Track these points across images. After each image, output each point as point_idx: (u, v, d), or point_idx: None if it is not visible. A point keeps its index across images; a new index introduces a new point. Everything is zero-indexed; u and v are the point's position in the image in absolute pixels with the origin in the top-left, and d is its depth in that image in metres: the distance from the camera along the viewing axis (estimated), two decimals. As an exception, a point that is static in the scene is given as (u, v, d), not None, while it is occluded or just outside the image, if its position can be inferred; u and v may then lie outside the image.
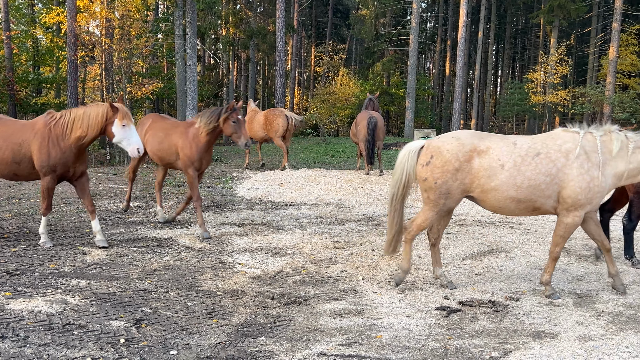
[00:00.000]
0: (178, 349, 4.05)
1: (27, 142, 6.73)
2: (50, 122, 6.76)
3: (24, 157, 6.75)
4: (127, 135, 6.67)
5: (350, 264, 6.39)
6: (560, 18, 34.59)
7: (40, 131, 6.74)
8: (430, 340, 4.26)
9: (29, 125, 6.88)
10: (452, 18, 44.56)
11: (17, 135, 6.77)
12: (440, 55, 50.25)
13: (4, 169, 6.82)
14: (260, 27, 35.09)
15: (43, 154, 6.67)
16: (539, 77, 33.42)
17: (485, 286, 5.64)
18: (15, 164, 6.77)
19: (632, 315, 4.86)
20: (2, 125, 6.88)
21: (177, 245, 7.09)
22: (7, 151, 6.73)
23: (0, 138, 6.76)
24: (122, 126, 6.62)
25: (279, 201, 10.58)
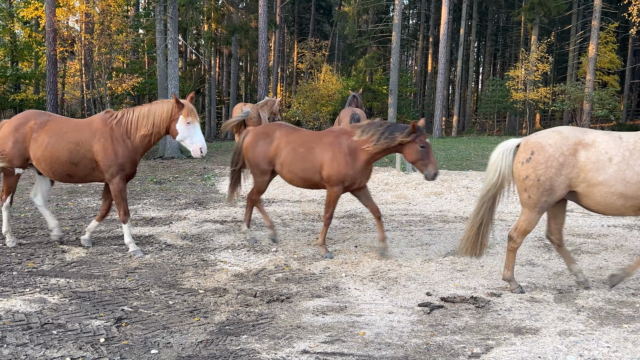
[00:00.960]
0: (159, 347, 4.00)
1: (87, 142, 6.41)
2: (110, 121, 6.50)
3: (83, 157, 6.42)
4: (191, 134, 6.41)
5: (333, 261, 6.37)
6: (540, 15, 34.89)
7: (100, 130, 6.44)
8: (413, 337, 4.27)
9: (84, 125, 6.58)
10: (434, 15, 44.72)
11: (73, 134, 6.45)
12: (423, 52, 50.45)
13: (58, 169, 6.47)
14: (243, 22, 34.91)
15: (109, 153, 6.38)
16: (520, 74, 33.70)
17: (467, 282, 5.67)
18: (72, 164, 6.44)
19: (612, 311, 4.91)
20: (56, 123, 6.54)
21: (158, 243, 7.03)
22: (63, 151, 6.39)
23: (54, 136, 6.43)
24: (187, 123, 6.37)
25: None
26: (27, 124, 6.53)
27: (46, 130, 6.47)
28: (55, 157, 6.40)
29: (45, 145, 6.40)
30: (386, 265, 6.21)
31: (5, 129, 6.61)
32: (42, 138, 6.44)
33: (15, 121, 6.63)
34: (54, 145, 6.40)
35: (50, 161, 6.43)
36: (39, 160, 6.48)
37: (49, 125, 6.52)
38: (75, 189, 10.79)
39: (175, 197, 10.25)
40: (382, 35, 39.80)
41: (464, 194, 11.12)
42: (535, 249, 7.05)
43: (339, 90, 36.01)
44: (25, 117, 6.64)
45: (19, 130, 6.51)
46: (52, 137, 6.43)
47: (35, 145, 6.46)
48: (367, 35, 39.57)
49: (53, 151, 6.39)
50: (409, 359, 3.88)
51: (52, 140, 6.41)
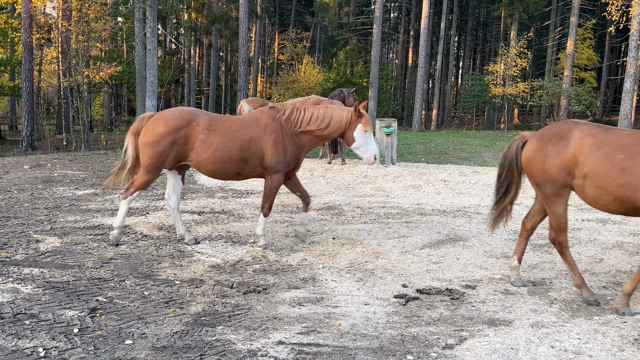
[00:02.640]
0: (134, 338, 3.98)
1: (258, 139, 6.30)
2: (279, 117, 6.41)
3: (253, 154, 6.31)
4: (366, 142, 6.46)
5: (310, 253, 6.39)
6: (520, 11, 35.19)
7: (270, 126, 6.35)
8: (388, 328, 4.30)
9: (251, 120, 6.44)
10: (415, 9, 44.85)
11: (244, 131, 6.32)
12: (403, 45, 50.60)
13: (229, 167, 6.33)
14: (223, 12, 34.66)
15: (280, 150, 6.31)
16: (499, 69, 33.99)
17: (443, 274, 5.72)
18: (243, 161, 6.32)
19: (583, 303, 4.99)
20: (220, 122, 6.38)
21: (134, 233, 6.97)
22: (235, 149, 6.25)
23: (227, 135, 6.28)
24: (365, 132, 6.41)
25: (240, 189, 10.51)
26: (189, 125, 6.26)
27: (215, 131, 6.27)
28: (227, 156, 6.25)
29: (217, 146, 6.22)
30: (363, 257, 6.24)
31: (160, 127, 6.22)
32: (213, 138, 6.23)
33: (173, 121, 6.24)
34: (226, 144, 6.23)
35: (221, 160, 6.26)
36: (205, 161, 6.27)
37: (215, 125, 6.33)
38: (51, 178, 10.64)
39: (152, 187, 10.17)
40: (363, 28, 39.81)
41: (442, 187, 11.21)
42: (510, 243, 7.14)
43: (320, 82, 35.99)
44: (184, 118, 6.30)
45: (180, 132, 6.20)
46: (224, 137, 6.26)
47: (203, 146, 6.23)
48: (348, 28, 39.54)
49: (226, 150, 6.24)
50: (383, 349, 3.91)
51: (225, 140, 6.24)
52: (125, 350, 3.79)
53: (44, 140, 22.76)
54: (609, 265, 6.28)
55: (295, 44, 46.29)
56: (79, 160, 13.70)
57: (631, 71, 22.96)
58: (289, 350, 3.85)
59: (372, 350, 3.89)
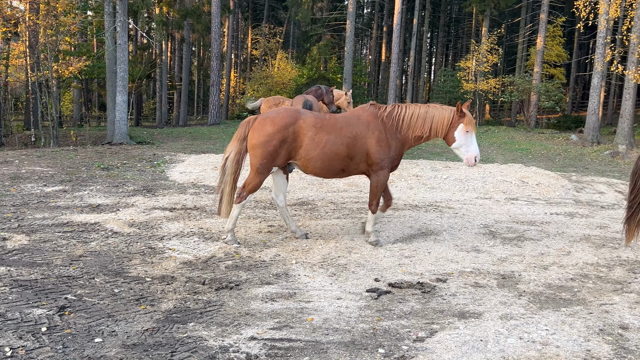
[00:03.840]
0: (103, 336, 3.93)
1: (362, 136, 6.35)
2: (380, 113, 6.44)
3: (358, 151, 6.36)
4: (468, 142, 6.42)
5: (283, 248, 6.39)
6: (491, 7, 35.57)
7: (372, 123, 6.39)
8: (360, 322, 4.33)
9: (353, 118, 6.48)
10: (388, 5, 45.02)
11: (349, 128, 6.37)
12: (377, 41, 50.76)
13: (336, 164, 6.37)
14: (195, 6, 34.32)
15: (384, 146, 6.35)
16: (471, 65, 34.34)
17: (415, 268, 5.77)
18: (348, 158, 6.37)
19: (551, 295, 5.10)
20: (331, 119, 6.41)
21: (104, 230, 6.87)
22: (342, 146, 6.30)
23: (334, 132, 6.31)
24: (466, 132, 6.37)
25: (212, 185, 10.44)
26: (296, 123, 6.30)
27: (322, 128, 6.31)
28: (335, 154, 6.29)
29: (325, 143, 6.27)
30: (336, 252, 6.26)
31: (268, 128, 6.27)
32: (321, 136, 6.27)
33: (280, 120, 6.31)
34: (334, 141, 6.28)
35: (329, 158, 6.31)
36: (313, 159, 6.31)
37: (321, 122, 6.36)
38: (19, 175, 10.42)
39: (123, 184, 10.03)
40: (337, 24, 39.81)
41: (414, 182, 11.30)
42: (480, 236, 7.24)
43: (294, 78, 35.90)
44: (291, 116, 6.36)
45: (287, 130, 6.26)
46: (331, 134, 6.30)
47: (312, 144, 6.27)
48: (321, 23, 39.49)
49: (334, 148, 6.28)
50: (355, 343, 3.94)
51: (332, 137, 6.29)
52: (95, 348, 3.75)
53: (12, 137, 22.29)
54: (577, 257, 6.41)
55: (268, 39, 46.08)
56: (48, 156, 13.45)
57: (598, 68, 23.40)
58: (261, 345, 3.85)
59: (344, 345, 3.91)
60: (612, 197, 11.00)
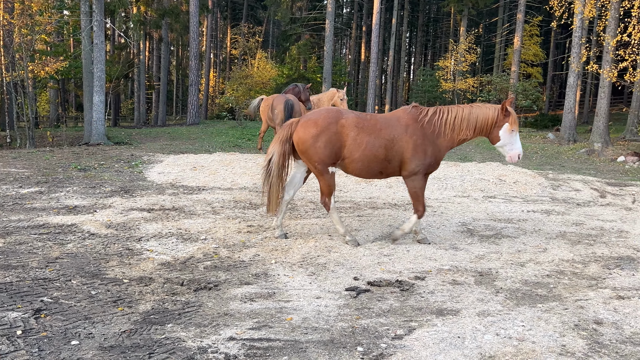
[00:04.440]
0: (80, 339, 3.89)
1: (400, 139, 6.26)
2: (421, 118, 6.33)
3: (395, 154, 6.29)
4: (512, 141, 6.35)
5: (263, 248, 6.37)
6: (469, 7, 35.88)
7: (411, 126, 6.29)
8: (339, 321, 4.34)
9: (393, 120, 6.39)
10: (367, 4, 45.13)
11: (387, 130, 6.28)
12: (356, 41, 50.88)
13: (374, 166, 6.33)
14: (173, 6, 34.08)
15: (419, 153, 6.25)
16: (449, 64, 34.61)
17: (393, 266, 5.80)
18: (386, 161, 6.31)
19: (528, 292, 5.16)
20: (371, 120, 6.34)
21: (81, 232, 6.80)
22: (381, 148, 6.24)
23: (373, 134, 6.24)
24: (511, 131, 6.29)
25: (191, 186, 10.38)
26: (338, 123, 6.29)
27: (363, 129, 6.27)
28: (374, 156, 6.25)
29: (366, 145, 6.23)
30: (316, 252, 6.27)
31: (311, 129, 6.29)
32: (362, 137, 6.24)
33: (322, 121, 6.31)
34: (373, 143, 6.24)
35: (369, 160, 6.28)
36: (355, 160, 6.29)
37: (362, 123, 6.30)
38: (-7, 177, 10.26)
39: (100, 185, 9.93)
40: (316, 23, 39.83)
41: (393, 180, 11.34)
42: (458, 234, 7.31)
43: (274, 77, 35.84)
44: (332, 116, 6.35)
45: (330, 130, 6.26)
46: (371, 136, 6.25)
47: (354, 144, 6.25)
48: (300, 23, 39.48)
49: (373, 150, 6.24)
50: (334, 342, 3.95)
51: (372, 139, 6.24)
52: (72, 351, 3.71)
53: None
54: (553, 254, 6.50)
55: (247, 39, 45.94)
56: (24, 157, 13.26)
57: (574, 67, 23.73)
58: (240, 346, 3.84)
59: (323, 343, 3.92)
60: (588, 194, 11.17)
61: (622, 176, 14.61)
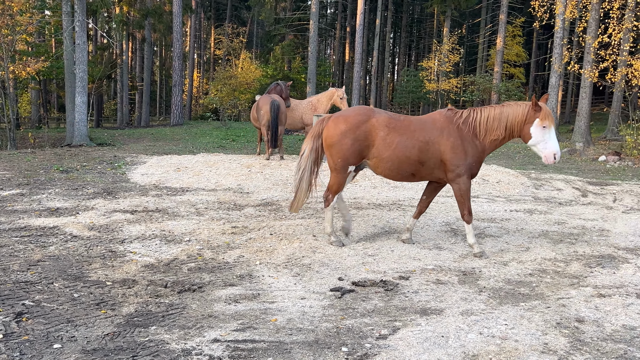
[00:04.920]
0: (62, 342, 3.86)
1: (435, 140, 6.16)
2: (457, 119, 6.22)
3: (430, 156, 6.17)
4: (545, 138, 6.06)
5: (247, 249, 6.36)
6: (452, 8, 36.10)
7: (447, 129, 6.18)
8: (324, 321, 4.34)
9: (428, 122, 6.28)
10: (351, 5, 45.21)
11: (422, 132, 6.18)
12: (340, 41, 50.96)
13: (406, 168, 6.22)
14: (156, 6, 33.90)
15: (459, 153, 6.12)
16: (433, 65, 34.79)
17: (378, 266, 5.82)
18: (419, 163, 6.20)
19: (511, 291, 5.21)
20: (398, 121, 6.24)
21: (63, 234, 6.73)
22: (414, 150, 6.14)
23: (405, 135, 6.15)
24: (543, 127, 6.03)
25: (175, 187, 10.32)
26: (368, 122, 6.24)
27: (394, 129, 6.19)
28: (405, 157, 6.15)
29: (396, 145, 6.15)
30: (301, 252, 6.27)
31: (341, 126, 6.28)
32: (392, 137, 6.17)
33: (352, 118, 6.30)
34: (405, 144, 6.14)
35: (399, 161, 6.19)
36: (384, 160, 6.22)
37: (394, 123, 6.23)
38: (-27, 179, 10.13)
39: (82, 187, 9.84)
40: (300, 24, 39.83)
41: (378, 181, 11.38)
42: (442, 234, 7.35)
43: (258, 78, 35.76)
44: (363, 114, 6.33)
45: (360, 128, 6.22)
46: (403, 136, 6.16)
47: (383, 144, 6.18)
48: (284, 23, 39.45)
49: (404, 150, 6.14)
50: (319, 342, 3.95)
51: (403, 139, 6.15)
52: (54, 354, 3.67)
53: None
54: (535, 253, 6.57)
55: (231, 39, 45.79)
56: (4, 159, 13.10)
57: (556, 68, 23.98)
58: (224, 347, 3.83)
59: (307, 344, 3.92)
60: (570, 193, 11.29)
61: (603, 175, 14.79)
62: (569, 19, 24.18)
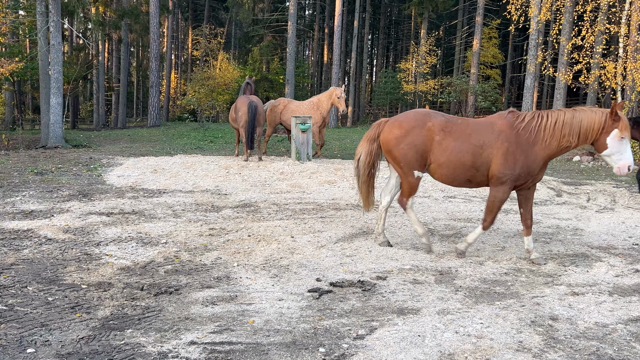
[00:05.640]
0: (36, 346, 3.80)
1: (489, 145, 5.87)
2: (517, 124, 5.89)
3: (484, 162, 5.90)
4: (622, 149, 5.69)
5: (225, 251, 6.34)
6: (429, 10, 36.37)
7: (505, 133, 5.86)
8: (302, 322, 4.35)
9: (487, 125, 6.00)
10: (330, 6, 45.30)
11: (477, 136, 5.92)
12: (319, 42, 50.99)
13: (460, 174, 5.99)
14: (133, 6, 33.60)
15: (509, 161, 5.80)
16: (411, 66, 35.01)
17: (356, 267, 5.84)
18: (474, 169, 5.94)
19: (486, 290, 5.26)
20: (461, 124, 6.01)
21: (37, 237, 6.64)
22: (468, 154, 5.89)
23: (460, 139, 5.92)
24: (621, 139, 5.65)
25: (152, 189, 10.24)
26: (424, 127, 6.04)
27: (449, 133, 5.96)
28: (460, 162, 5.92)
29: (452, 150, 5.93)
30: (279, 254, 6.27)
31: (395, 131, 6.17)
32: (448, 142, 5.95)
33: (406, 124, 6.14)
34: (460, 149, 5.91)
35: (454, 166, 5.96)
36: (441, 166, 6.02)
37: (449, 127, 6.00)
38: (-56, 182, 9.93)
39: (57, 189, 9.71)
40: (278, 25, 39.79)
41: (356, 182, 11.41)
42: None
43: (236, 79, 35.62)
44: (418, 119, 6.12)
45: (414, 133, 6.04)
46: (458, 141, 5.93)
47: (439, 149, 5.98)
48: (262, 24, 39.40)
49: (459, 155, 5.91)
50: (296, 344, 3.95)
51: (458, 144, 5.92)
52: (27, 359, 3.62)
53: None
54: (511, 252, 6.65)
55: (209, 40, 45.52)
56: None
57: (531, 69, 24.31)
58: (201, 350, 3.81)
59: (285, 345, 3.92)
60: (545, 193, 11.44)
61: (577, 175, 15.02)
62: (544, 22, 24.52)
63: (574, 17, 21.91)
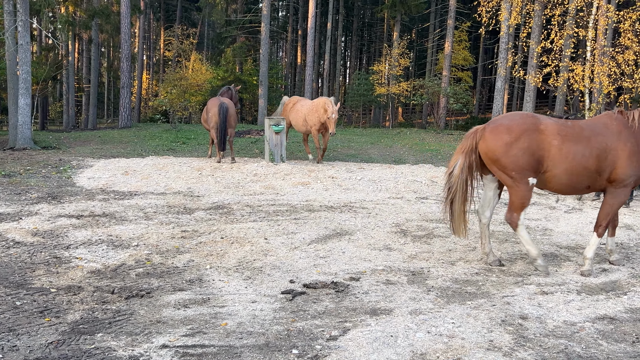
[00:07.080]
0: (4, 352, 3.73)
1: (613, 148, 5.55)
2: (632, 123, 5.62)
3: (608, 166, 5.57)
4: None
5: (197, 253, 6.29)
6: (402, 13, 36.62)
7: (624, 133, 5.58)
8: (275, 324, 4.34)
9: (600, 126, 5.66)
10: (303, 8, 45.31)
11: (597, 138, 5.57)
12: (292, 44, 50.99)
13: (583, 180, 5.63)
14: (104, 6, 33.14)
15: (635, 162, 5.54)
16: (384, 69, 35.20)
17: (329, 268, 5.86)
18: (597, 173, 5.59)
19: (458, 290, 5.33)
20: (575, 127, 5.61)
21: (5, 240, 6.50)
22: (592, 159, 5.52)
23: (579, 144, 5.53)
24: None
25: (123, 191, 10.11)
26: (537, 130, 5.57)
27: (566, 137, 5.55)
28: (583, 168, 5.55)
29: (574, 155, 5.52)
30: (252, 256, 6.25)
31: (503, 137, 5.61)
32: (568, 147, 5.53)
33: (517, 127, 5.60)
34: (583, 153, 5.52)
35: (577, 173, 5.58)
36: (557, 174, 5.60)
37: (565, 130, 5.59)
38: None
39: (26, 191, 9.52)
40: (252, 26, 39.64)
41: (330, 183, 11.45)
42: (392, 235, 7.45)
43: (209, 80, 35.37)
44: (528, 122, 5.65)
45: (527, 137, 5.55)
46: (578, 145, 5.54)
47: (559, 155, 5.53)
48: (236, 25, 39.22)
49: (583, 161, 5.53)
50: (269, 346, 3.95)
51: (580, 148, 5.53)
52: (-7, 365, 3.55)
53: None
54: (481, 253, 6.72)
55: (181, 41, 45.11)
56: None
57: (501, 72, 24.66)
58: (173, 353, 3.78)
59: (258, 347, 3.91)
60: (515, 194, 11.61)
61: (546, 176, 15.28)
62: (514, 25, 24.91)
63: (542, 21, 22.30)
